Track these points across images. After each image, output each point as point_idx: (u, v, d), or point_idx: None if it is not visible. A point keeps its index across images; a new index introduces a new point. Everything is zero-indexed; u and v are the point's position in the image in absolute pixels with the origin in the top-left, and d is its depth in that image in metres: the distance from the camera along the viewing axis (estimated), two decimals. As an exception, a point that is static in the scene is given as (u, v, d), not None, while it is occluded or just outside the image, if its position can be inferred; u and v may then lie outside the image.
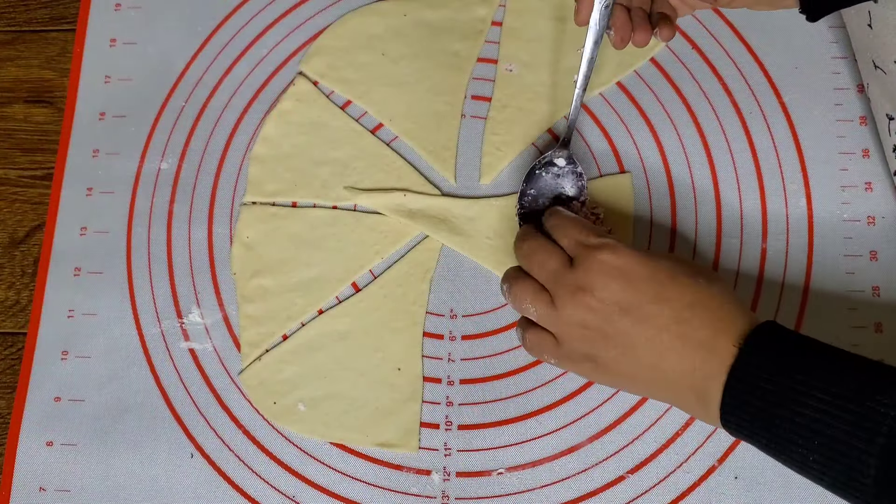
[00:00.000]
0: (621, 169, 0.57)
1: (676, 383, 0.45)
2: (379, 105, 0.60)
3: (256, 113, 0.61)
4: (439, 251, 0.57)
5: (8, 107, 0.63)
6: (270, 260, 0.57)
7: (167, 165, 0.60)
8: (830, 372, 0.41)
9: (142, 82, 0.62)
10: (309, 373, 0.55)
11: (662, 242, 0.56)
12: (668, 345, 0.44)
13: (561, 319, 0.46)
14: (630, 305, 0.45)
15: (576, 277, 0.46)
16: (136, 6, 0.64)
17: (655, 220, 0.56)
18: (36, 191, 0.61)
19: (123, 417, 0.55)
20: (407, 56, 0.61)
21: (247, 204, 0.59)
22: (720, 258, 0.55)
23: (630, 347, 0.45)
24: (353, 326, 0.56)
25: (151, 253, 0.58)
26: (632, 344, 0.45)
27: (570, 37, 0.60)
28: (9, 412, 0.56)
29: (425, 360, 0.55)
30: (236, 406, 0.55)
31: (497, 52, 0.61)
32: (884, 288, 0.54)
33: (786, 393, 0.41)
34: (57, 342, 0.57)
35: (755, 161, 0.57)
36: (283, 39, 0.62)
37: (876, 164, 0.56)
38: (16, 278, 0.59)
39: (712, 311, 0.44)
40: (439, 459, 0.53)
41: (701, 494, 0.51)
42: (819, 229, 0.55)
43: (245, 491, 0.53)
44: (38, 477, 0.54)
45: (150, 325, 0.57)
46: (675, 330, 0.44)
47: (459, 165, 0.59)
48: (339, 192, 0.58)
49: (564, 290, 0.46)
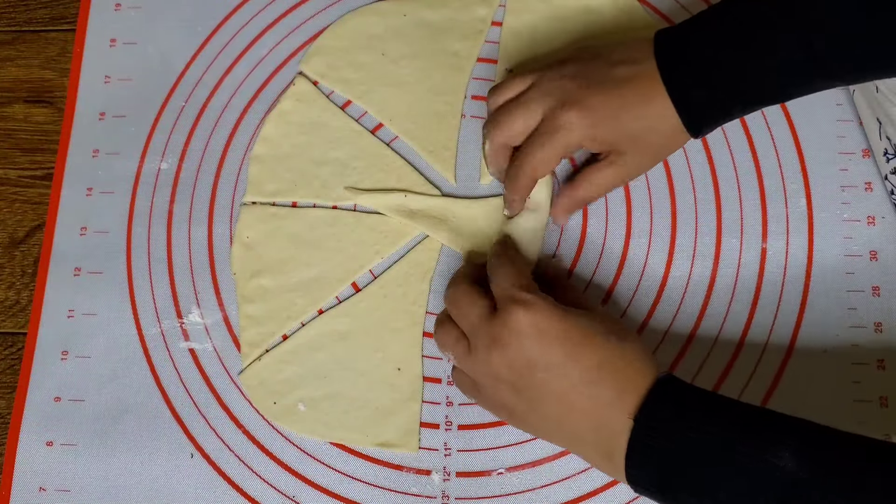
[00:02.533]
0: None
1: (583, 440, 0.46)
2: (379, 105, 0.60)
3: (256, 113, 0.61)
4: (439, 251, 0.57)
5: (8, 107, 0.63)
6: (270, 260, 0.57)
7: (167, 165, 0.60)
8: (721, 434, 0.42)
9: (142, 82, 0.62)
10: (309, 373, 0.55)
11: (663, 242, 0.56)
12: (576, 404, 0.45)
13: (476, 368, 0.48)
14: (540, 363, 0.45)
15: (492, 330, 0.46)
16: (136, 6, 0.64)
17: (655, 221, 0.56)
18: (36, 191, 0.61)
19: (123, 417, 0.55)
20: (407, 56, 0.61)
21: (247, 204, 0.59)
22: (720, 258, 0.55)
23: (539, 402, 0.46)
24: (353, 326, 0.56)
25: (151, 253, 0.58)
26: (541, 399, 0.46)
27: (570, 37, 0.60)
28: (9, 412, 0.56)
29: (425, 360, 0.55)
30: (236, 406, 0.55)
31: (497, 52, 0.61)
32: (884, 288, 0.54)
33: (680, 457, 0.42)
34: (57, 342, 0.57)
35: (755, 161, 0.57)
36: (283, 39, 0.62)
37: (876, 165, 0.56)
38: (16, 278, 0.59)
39: (620, 371, 0.45)
40: (439, 459, 0.53)
41: (701, 494, 0.51)
42: (819, 229, 0.55)
43: (245, 491, 0.53)
44: (38, 477, 0.54)
45: (150, 325, 0.57)
46: (584, 390, 0.45)
47: (459, 165, 0.59)
48: (339, 192, 0.58)
49: (481, 342, 0.47)
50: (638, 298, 0.55)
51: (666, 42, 0.49)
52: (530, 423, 0.48)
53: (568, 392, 0.45)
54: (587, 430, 0.45)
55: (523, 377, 0.46)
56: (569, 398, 0.45)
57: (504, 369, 0.46)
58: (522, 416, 0.47)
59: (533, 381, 0.46)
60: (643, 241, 0.56)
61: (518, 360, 0.46)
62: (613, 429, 0.44)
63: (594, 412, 0.45)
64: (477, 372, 0.48)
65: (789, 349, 0.53)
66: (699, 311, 0.54)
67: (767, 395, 0.52)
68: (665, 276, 0.55)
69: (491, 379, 0.47)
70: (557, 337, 0.45)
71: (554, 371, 0.45)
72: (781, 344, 0.53)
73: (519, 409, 0.47)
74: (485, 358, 0.47)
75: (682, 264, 0.55)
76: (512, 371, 0.46)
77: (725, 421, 0.43)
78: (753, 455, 0.41)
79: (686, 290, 0.55)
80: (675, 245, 0.56)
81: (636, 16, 0.60)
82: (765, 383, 0.53)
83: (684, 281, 0.55)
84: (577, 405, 0.45)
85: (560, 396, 0.45)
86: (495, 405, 0.49)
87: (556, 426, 0.47)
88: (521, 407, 0.47)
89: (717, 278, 0.55)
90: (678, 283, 0.55)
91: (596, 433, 0.45)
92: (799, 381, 0.52)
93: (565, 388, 0.45)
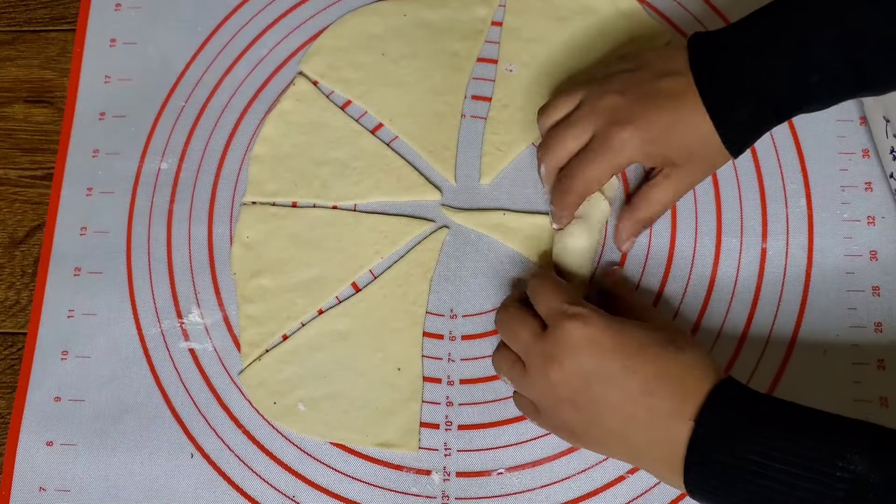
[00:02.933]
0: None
1: (644, 452, 0.45)
2: (379, 105, 0.60)
3: (256, 113, 0.61)
4: (439, 251, 0.57)
5: (8, 107, 0.63)
6: (270, 260, 0.57)
7: (167, 165, 0.60)
8: (785, 439, 0.41)
9: (142, 82, 0.62)
10: (309, 373, 0.55)
11: (663, 243, 0.56)
12: (636, 416, 0.44)
13: (535, 389, 0.48)
14: (597, 376, 0.45)
15: (546, 348, 0.46)
16: (136, 6, 0.64)
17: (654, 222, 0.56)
18: (36, 191, 0.61)
19: (123, 417, 0.55)
20: (407, 56, 0.61)
21: (247, 204, 0.59)
22: (720, 258, 0.55)
23: (599, 416, 0.45)
24: (354, 326, 0.56)
25: (151, 253, 0.58)
26: (600, 413, 0.45)
27: (570, 37, 0.60)
28: (9, 412, 0.56)
29: (425, 360, 0.55)
30: (236, 406, 0.55)
31: (497, 52, 0.61)
32: (884, 288, 0.54)
33: (742, 465, 0.41)
34: (57, 342, 0.57)
35: (755, 161, 0.57)
36: (283, 39, 0.62)
37: (876, 165, 0.56)
38: (16, 278, 0.59)
39: (678, 380, 0.44)
40: (439, 459, 0.53)
41: (701, 494, 0.51)
42: (819, 229, 0.55)
43: (245, 491, 0.53)
44: (38, 477, 0.54)
45: (150, 325, 0.57)
46: (643, 401, 0.44)
47: (459, 165, 0.59)
48: (340, 191, 0.58)
49: (536, 361, 0.47)
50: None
51: (701, 54, 0.48)
52: (593, 439, 0.47)
53: (627, 404, 0.44)
54: (649, 443, 0.44)
55: (581, 392, 0.45)
56: (628, 410, 0.44)
57: (561, 386, 0.46)
58: (584, 433, 0.47)
59: (591, 396, 0.45)
60: (643, 241, 0.56)
61: (575, 374, 0.45)
62: (675, 438, 0.43)
63: (655, 423, 0.44)
64: (535, 393, 0.48)
65: (789, 349, 0.53)
66: (699, 311, 0.54)
67: (768, 394, 0.52)
68: (665, 277, 0.55)
69: (550, 398, 0.47)
70: (612, 348, 0.45)
71: (612, 383, 0.44)
72: (781, 344, 0.53)
73: (580, 426, 0.46)
74: (541, 377, 0.46)
75: (681, 264, 0.55)
76: (569, 387, 0.45)
77: (790, 424, 0.42)
78: (822, 459, 0.40)
79: (686, 291, 0.55)
80: (675, 245, 0.56)
81: (636, 16, 0.60)
82: (765, 383, 0.53)
83: (684, 281, 0.55)
84: (637, 417, 0.44)
85: (619, 409, 0.44)
86: (556, 425, 0.48)
87: (619, 440, 0.46)
88: (582, 424, 0.46)
89: (716, 278, 0.55)
90: (678, 283, 0.55)
91: (658, 445, 0.44)
92: (799, 381, 0.52)
93: (624, 400, 0.44)
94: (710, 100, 0.47)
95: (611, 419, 0.45)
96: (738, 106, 0.47)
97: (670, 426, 0.43)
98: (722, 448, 0.42)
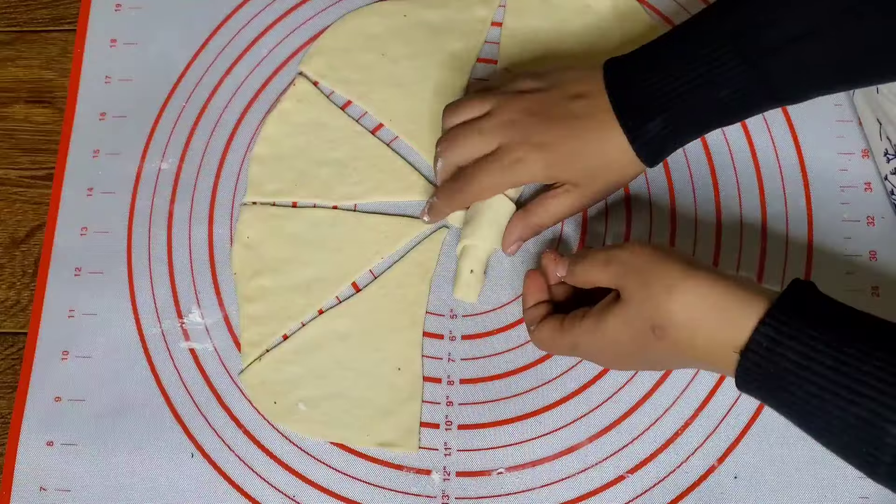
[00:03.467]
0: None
1: (699, 350, 0.43)
2: (379, 105, 0.60)
3: (257, 113, 0.61)
4: (439, 251, 0.57)
5: (8, 107, 0.63)
6: (271, 260, 0.57)
7: (167, 165, 0.60)
8: (855, 357, 0.38)
9: (142, 82, 0.62)
10: (309, 373, 0.55)
11: (662, 243, 0.56)
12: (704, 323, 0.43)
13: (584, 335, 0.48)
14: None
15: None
16: (136, 6, 0.64)
17: (655, 221, 0.56)
18: (36, 191, 0.61)
19: (124, 417, 0.55)
20: (407, 56, 0.61)
21: (247, 204, 0.59)
22: (720, 258, 0.55)
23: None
24: (354, 326, 0.56)
25: (152, 253, 0.58)
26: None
27: (570, 37, 0.60)
28: (9, 412, 0.56)
29: (425, 360, 0.55)
30: (236, 406, 0.55)
31: (497, 52, 0.61)
32: (883, 288, 0.54)
33: (798, 365, 0.39)
34: (57, 342, 0.57)
35: (755, 161, 0.57)
36: (283, 40, 0.62)
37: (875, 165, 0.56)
38: (16, 278, 0.59)
39: (744, 283, 0.43)
40: (439, 459, 0.53)
41: (701, 494, 0.51)
42: (819, 229, 0.55)
43: (245, 491, 0.53)
44: (38, 477, 0.54)
45: (151, 324, 0.57)
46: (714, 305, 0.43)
47: (459, 165, 0.59)
48: (340, 191, 0.58)
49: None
50: (638, 298, 0.55)
51: (616, 73, 0.50)
52: (643, 365, 0.48)
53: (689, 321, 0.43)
54: (708, 341, 0.43)
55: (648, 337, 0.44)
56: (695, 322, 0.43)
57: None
58: (637, 364, 0.48)
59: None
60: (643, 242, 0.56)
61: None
62: (738, 334, 0.41)
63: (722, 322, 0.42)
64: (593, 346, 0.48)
65: (789, 349, 0.53)
66: (699, 311, 0.54)
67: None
68: (665, 276, 0.55)
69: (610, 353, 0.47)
70: (675, 254, 0.45)
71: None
72: (781, 344, 0.53)
73: (633, 358, 0.47)
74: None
75: (681, 264, 0.55)
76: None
77: (855, 349, 0.39)
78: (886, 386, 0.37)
79: (686, 290, 0.55)
80: (675, 246, 0.56)
81: (636, 16, 0.61)
82: (764, 383, 0.53)
83: (684, 281, 0.55)
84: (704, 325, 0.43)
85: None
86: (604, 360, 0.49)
87: (677, 356, 0.45)
88: (638, 358, 0.47)
89: (716, 278, 0.55)
90: (678, 283, 0.55)
91: (718, 343, 0.42)
92: (799, 381, 0.52)
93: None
94: (623, 114, 0.49)
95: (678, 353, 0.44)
96: (650, 119, 0.49)
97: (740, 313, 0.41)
98: (785, 341, 0.40)
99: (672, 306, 0.43)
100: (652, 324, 0.44)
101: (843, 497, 0.51)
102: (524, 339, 0.55)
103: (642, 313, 0.44)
